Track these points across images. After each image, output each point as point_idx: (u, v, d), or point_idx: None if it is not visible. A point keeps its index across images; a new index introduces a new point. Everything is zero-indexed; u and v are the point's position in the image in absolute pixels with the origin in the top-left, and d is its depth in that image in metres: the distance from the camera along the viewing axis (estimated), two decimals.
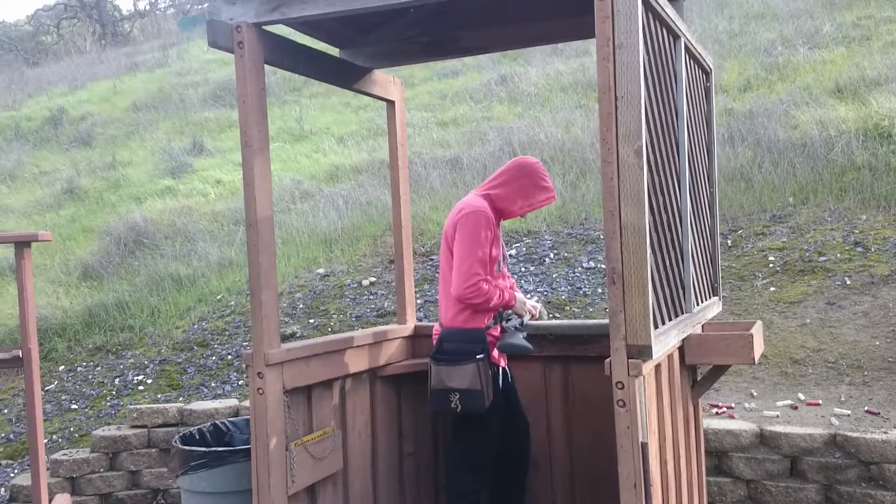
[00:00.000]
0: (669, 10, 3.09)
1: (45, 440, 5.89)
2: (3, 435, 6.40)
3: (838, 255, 6.18)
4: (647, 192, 2.67)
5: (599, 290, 6.50)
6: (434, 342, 3.75)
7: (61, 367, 7.05)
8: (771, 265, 6.28)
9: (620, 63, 2.62)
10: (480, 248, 3.49)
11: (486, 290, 3.49)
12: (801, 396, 4.90)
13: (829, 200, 6.94)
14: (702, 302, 3.66)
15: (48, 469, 5.42)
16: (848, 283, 5.86)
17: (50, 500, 4.52)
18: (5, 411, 6.70)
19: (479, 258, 3.49)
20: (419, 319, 4.74)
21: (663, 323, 2.97)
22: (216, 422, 4.03)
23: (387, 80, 4.22)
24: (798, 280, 6.03)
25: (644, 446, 2.67)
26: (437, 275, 7.15)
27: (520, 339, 3.60)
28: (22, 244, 4.18)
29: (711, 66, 4.01)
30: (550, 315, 6.23)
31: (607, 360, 2.70)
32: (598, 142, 8.67)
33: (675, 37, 3.29)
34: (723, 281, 5.95)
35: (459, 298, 3.49)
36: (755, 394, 5.04)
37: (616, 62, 2.62)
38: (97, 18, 29.23)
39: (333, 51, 4.03)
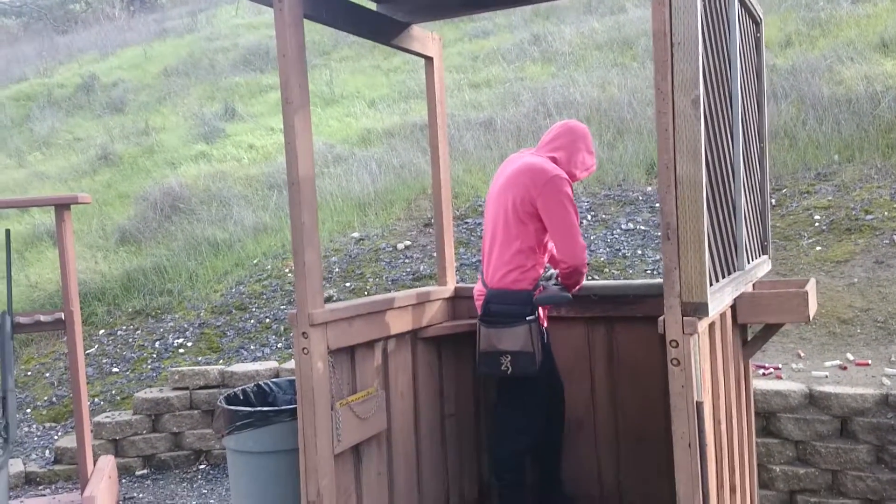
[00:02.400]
0: None
1: (88, 403, 5.95)
2: (46, 398, 6.49)
3: (885, 213, 6.02)
4: (703, 144, 2.58)
5: (639, 252, 6.40)
6: (477, 303, 3.70)
7: (101, 331, 7.11)
8: (817, 224, 6.14)
9: (676, 7, 2.51)
10: (576, 213, 3.48)
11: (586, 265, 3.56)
12: (850, 356, 4.80)
13: (876, 157, 6.75)
14: (753, 260, 3.56)
15: (91, 432, 5.49)
16: None
17: (94, 462, 4.57)
18: (47, 375, 6.78)
19: (578, 224, 3.49)
20: (457, 282, 4.70)
21: (717, 280, 2.89)
22: (259, 382, 4.02)
23: (425, 37, 4.13)
24: (845, 239, 5.89)
25: (699, 405, 2.61)
26: (472, 238, 7.08)
27: (558, 290, 3.56)
28: (62, 207, 4.18)
29: (761, 16, 3.86)
30: (589, 276, 6.15)
31: (661, 317, 2.63)
32: (635, 100, 8.57)
33: None
34: None
35: (579, 266, 3.45)
36: (802, 354, 4.94)
37: (672, 6, 2.51)
38: None
39: (371, 5, 3.94)
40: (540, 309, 3.58)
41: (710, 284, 2.72)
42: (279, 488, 3.54)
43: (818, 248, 5.87)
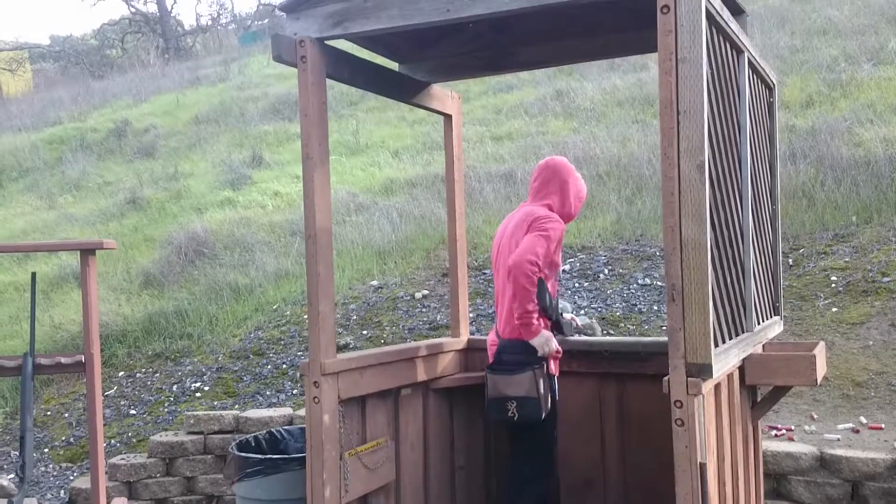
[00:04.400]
0: (733, 25, 3.05)
1: (104, 444, 6.01)
2: (63, 438, 6.56)
3: None
4: (708, 207, 2.64)
5: (655, 308, 6.42)
6: (489, 354, 3.76)
7: (121, 373, 7.21)
8: (833, 285, 6.14)
9: (683, 77, 2.60)
10: (551, 245, 3.53)
11: (535, 280, 3.46)
12: (863, 420, 4.77)
13: (894, 220, 6.76)
14: (763, 321, 3.59)
15: (106, 473, 5.54)
16: None
17: None
18: (66, 415, 6.87)
19: (547, 251, 3.52)
20: (472, 333, 4.76)
21: (724, 341, 2.92)
22: (271, 430, 4.08)
23: (444, 95, 4.25)
24: (861, 301, 5.88)
25: (702, 467, 2.63)
26: (489, 289, 7.14)
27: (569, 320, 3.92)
28: (87, 252, 4.29)
29: (775, 82, 3.95)
30: (604, 332, 6.17)
31: (665, 378, 2.67)
32: (654, 157, 8.65)
33: (739, 51, 3.25)
34: (784, 301, 5.85)
35: (515, 265, 3.45)
36: (815, 416, 4.92)
37: (679, 76, 2.60)
38: (160, 33, 30.01)
39: (392, 65, 4.07)
40: (550, 360, 3.65)
41: (716, 346, 2.76)
42: None
43: (834, 309, 5.87)
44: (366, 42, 3.72)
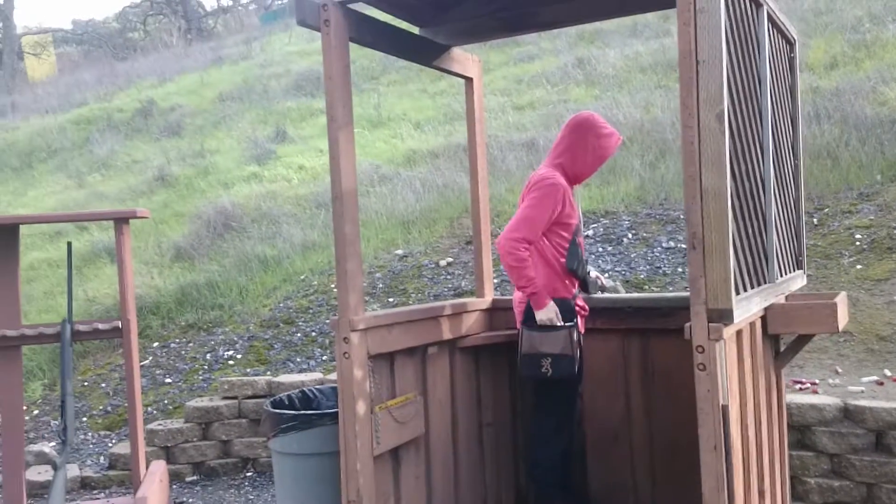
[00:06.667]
0: None
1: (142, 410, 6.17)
2: (101, 408, 6.74)
3: None
4: (728, 157, 2.68)
5: (679, 270, 6.45)
6: (517, 312, 3.83)
7: (155, 344, 7.37)
8: (858, 243, 6.13)
9: (701, 27, 2.63)
10: (542, 214, 3.60)
11: (523, 255, 3.56)
12: (888, 373, 4.80)
13: None
14: (785, 273, 3.63)
15: (144, 439, 5.69)
16: None
17: (147, 467, 4.76)
18: (103, 385, 7.05)
19: (535, 223, 3.59)
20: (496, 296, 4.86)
21: (745, 290, 2.97)
22: (304, 389, 4.19)
23: (465, 58, 4.30)
24: (885, 258, 5.87)
25: (724, 409, 2.69)
26: None
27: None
28: (121, 221, 4.40)
29: (795, 37, 3.95)
30: (629, 293, 6.21)
31: (687, 324, 2.72)
32: (678, 121, 8.61)
33: (758, 5, 3.26)
34: (808, 259, 5.86)
35: (499, 243, 3.58)
36: (840, 370, 4.95)
37: (697, 26, 2.63)
38: (182, 14, 30.10)
39: (414, 29, 4.12)
40: (578, 317, 3.72)
41: (737, 293, 2.81)
42: (322, 488, 3.69)
43: (858, 266, 5.87)
44: (387, 6, 3.76)
